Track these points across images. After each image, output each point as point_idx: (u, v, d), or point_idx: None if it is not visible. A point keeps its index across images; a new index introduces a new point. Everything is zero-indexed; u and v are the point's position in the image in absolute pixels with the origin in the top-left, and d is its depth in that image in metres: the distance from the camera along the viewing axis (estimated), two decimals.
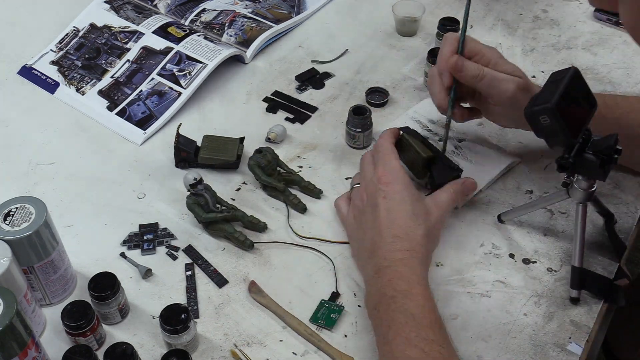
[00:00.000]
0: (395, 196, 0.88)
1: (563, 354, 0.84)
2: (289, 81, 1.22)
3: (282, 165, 1.04)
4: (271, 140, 1.10)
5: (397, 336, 0.77)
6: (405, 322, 0.78)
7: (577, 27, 1.31)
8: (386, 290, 0.81)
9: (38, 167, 1.09)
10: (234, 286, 0.92)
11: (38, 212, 0.85)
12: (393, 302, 0.80)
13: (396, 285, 0.81)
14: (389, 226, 0.86)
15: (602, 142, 0.84)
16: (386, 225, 0.86)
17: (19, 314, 0.74)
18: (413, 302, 0.79)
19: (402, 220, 0.87)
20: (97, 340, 0.86)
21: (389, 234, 0.86)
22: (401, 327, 0.77)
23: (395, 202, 0.88)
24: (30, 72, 1.26)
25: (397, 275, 0.82)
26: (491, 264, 0.94)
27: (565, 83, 0.82)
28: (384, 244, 0.85)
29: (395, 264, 0.83)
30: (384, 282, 0.82)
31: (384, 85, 1.20)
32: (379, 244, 0.86)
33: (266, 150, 1.03)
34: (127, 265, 0.95)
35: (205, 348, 0.86)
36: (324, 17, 1.36)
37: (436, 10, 1.35)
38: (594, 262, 0.93)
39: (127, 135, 1.14)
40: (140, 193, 1.05)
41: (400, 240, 0.85)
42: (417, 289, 0.81)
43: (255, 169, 1.02)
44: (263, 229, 0.98)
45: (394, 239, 0.85)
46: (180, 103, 1.17)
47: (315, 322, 0.88)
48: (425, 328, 0.77)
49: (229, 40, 1.29)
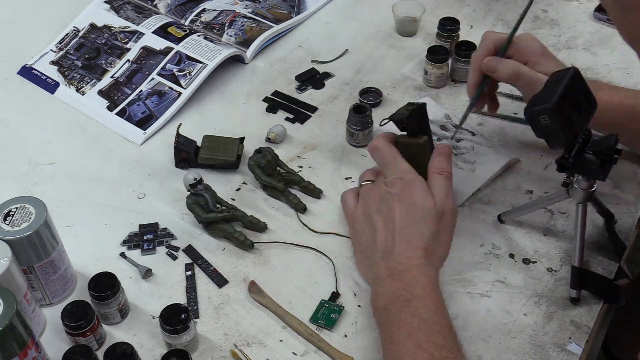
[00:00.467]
0: (409, 201, 0.88)
1: (563, 354, 0.84)
2: (289, 81, 1.22)
3: (281, 165, 1.04)
4: (271, 140, 1.10)
5: (408, 339, 0.77)
6: (418, 326, 0.78)
7: (577, 27, 1.31)
8: (400, 292, 0.81)
9: (38, 167, 1.09)
10: (234, 286, 0.92)
11: (38, 212, 0.85)
12: (407, 304, 0.80)
13: (412, 289, 0.81)
14: (403, 231, 0.86)
15: (602, 142, 0.84)
16: (400, 230, 0.86)
17: (19, 314, 0.74)
18: (426, 307, 0.80)
19: (416, 226, 0.86)
20: (97, 340, 0.86)
21: (404, 238, 0.85)
22: (413, 330, 0.78)
23: (409, 208, 0.87)
24: (30, 72, 1.26)
25: (413, 280, 0.82)
26: (491, 264, 0.94)
27: (565, 83, 0.82)
28: (399, 248, 0.85)
29: (411, 269, 0.83)
30: (398, 285, 0.82)
31: (384, 85, 1.20)
32: (393, 248, 0.85)
33: (266, 150, 1.03)
34: (127, 265, 0.95)
35: (205, 348, 0.86)
36: (324, 17, 1.36)
37: (436, 10, 1.35)
38: (594, 262, 0.93)
39: (127, 135, 1.14)
40: (140, 193, 1.05)
41: (414, 247, 0.85)
42: (431, 295, 0.81)
43: (255, 169, 1.02)
44: (263, 229, 0.98)
45: (407, 245, 0.85)
46: (180, 103, 1.17)
47: (315, 322, 0.88)
48: (436, 333, 0.78)
49: (229, 40, 1.29)
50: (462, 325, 0.87)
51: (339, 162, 1.08)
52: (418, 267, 0.83)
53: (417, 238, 0.85)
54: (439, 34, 1.24)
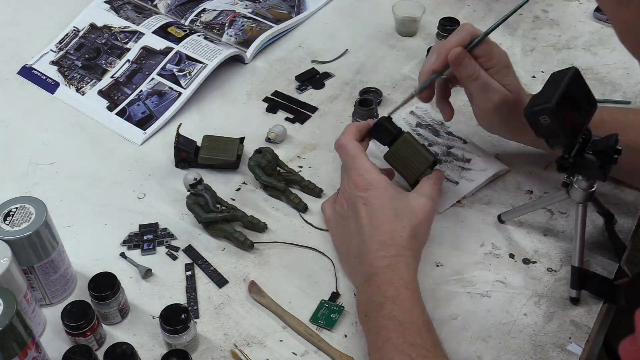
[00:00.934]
0: (375, 201, 0.87)
1: (563, 354, 0.84)
2: (289, 81, 1.22)
3: (281, 165, 1.04)
4: (271, 140, 1.10)
5: (386, 343, 0.77)
6: (393, 329, 0.78)
7: (577, 27, 1.31)
8: (374, 297, 0.81)
9: (38, 167, 1.09)
10: (234, 286, 0.92)
11: (38, 212, 0.85)
12: (381, 308, 0.80)
13: (384, 292, 0.81)
14: (372, 233, 0.86)
15: (602, 142, 0.84)
16: (370, 232, 0.86)
17: (19, 314, 0.74)
18: (400, 308, 0.79)
19: (386, 225, 0.86)
20: (97, 340, 0.86)
21: (373, 240, 0.85)
22: (389, 333, 0.78)
23: (376, 207, 0.87)
24: (30, 72, 1.26)
25: (385, 281, 0.82)
26: (491, 264, 0.94)
27: (565, 83, 0.82)
28: (370, 251, 0.85)
29: (383, 270, 0.83)
30: (372, 290, 0.82)
31: (384, 85, 1.20)
32: (364, 252, 0.85)
33: (266, 150, 1.03)
34: (127, 265, 0.95)
35: (205, 348, 0.86)
36: (324, 17, 1.36)
37: (436, 10, 1.35)
38: (594, 262, 0.93)
39: (127, 135, 1.14)
40: (140, 193, 1.05)
41: (386, 246, 0.85)
42: (404, 294, 0.81)
43: (255, 169, 1.02)
44: (263, 229, 0.98)
45: (379, 245, 0.85)
46: (180, 103, 1.17)
47: (315, 322, 0.88)
48: (412, 333, 0.77)
49: (229, 40, 1.29)
50: (462, 325, 0.87)
51: (339, 162, 1.08)
52: (389, 267, 0.83)
53: (388, 237, 0.85)
54: (439, 34, 1.24)
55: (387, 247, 0.84)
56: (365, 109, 1.08)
